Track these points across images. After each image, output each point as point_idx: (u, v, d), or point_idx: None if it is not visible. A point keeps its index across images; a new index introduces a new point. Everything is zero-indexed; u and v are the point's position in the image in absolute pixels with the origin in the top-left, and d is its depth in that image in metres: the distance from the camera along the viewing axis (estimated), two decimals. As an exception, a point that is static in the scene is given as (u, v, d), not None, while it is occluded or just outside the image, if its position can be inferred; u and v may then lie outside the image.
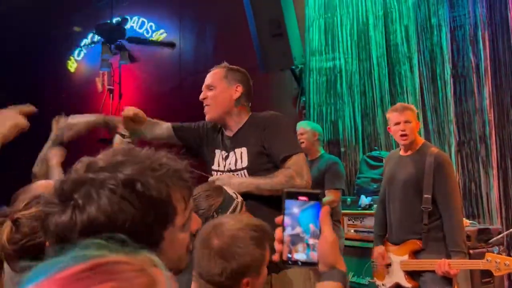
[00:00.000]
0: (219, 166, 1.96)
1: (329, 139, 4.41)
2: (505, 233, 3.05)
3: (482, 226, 3.14)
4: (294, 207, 0.81)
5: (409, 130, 2.56)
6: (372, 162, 4.05)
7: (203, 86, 2.00)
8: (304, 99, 4.59)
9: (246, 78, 2.01)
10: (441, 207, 2.49)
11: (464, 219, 3.16)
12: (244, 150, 1.88)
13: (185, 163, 0.79)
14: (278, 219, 0.82)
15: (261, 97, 4.82)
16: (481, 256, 3.04)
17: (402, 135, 2.57)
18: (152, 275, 0.51)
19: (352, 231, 3.65)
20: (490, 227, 3.19)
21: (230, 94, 1.94)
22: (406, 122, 2.56)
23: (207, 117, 1.98)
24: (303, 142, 3.32)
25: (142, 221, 0.68)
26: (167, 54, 6.06)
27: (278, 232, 0.81)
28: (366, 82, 4.34)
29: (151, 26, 6.27)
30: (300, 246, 0.81)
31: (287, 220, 0.82)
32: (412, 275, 2.55)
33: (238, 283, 1.10)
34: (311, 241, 0.81)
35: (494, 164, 3.53)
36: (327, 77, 4.55)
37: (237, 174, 1.87)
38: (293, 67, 4.40)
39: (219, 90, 1.94)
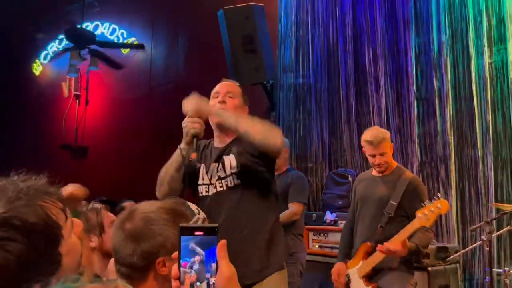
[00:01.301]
0: (203, 179, 1.94)
1: (297, 154, 4.48)
2: (461, 251, 3.17)
3: (440, 245, 3.26)
4: (192, 243, 0.78)
5: (384, 162, 2.60)
6: (338, 179, 4.14)
7: (223, 91, 1.96)
8: (274, 114, 4.65)
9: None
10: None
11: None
12: (232, 157, 1.90)
13: (44, 177, 0.82)
14: (174, 255, 0.79)
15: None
16: (440, 272, 3.14)
17: (377, 166, 2.62)
18: None
19: (317, 246, 3.69)
20: (448, 245, 3.32)
21: (243, 111, 2.00)
22: (381, 154, 2.58)
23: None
24: None
25: (34, 251, 0.69)
26: (138, 62, 6.00)
27: (174, 269, 0.79)
28: (334, 100, 4.45)
29: (122, 33, 6.20)
30: (200, 284, 0.77)
31: (186, 256, 0.78)
32: (370, 277, 2.54)
33: (151, 263, 1.10)
34: (212, 280, 0.78)
35: (453, 185, 3.68)
36: (297, 94, 4.64)
37: (226, 181, 1.89)
38: (265, 82, 4.46)
39: (238, 102, 1.97)
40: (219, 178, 1.89)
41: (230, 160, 1.89)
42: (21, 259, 0.68)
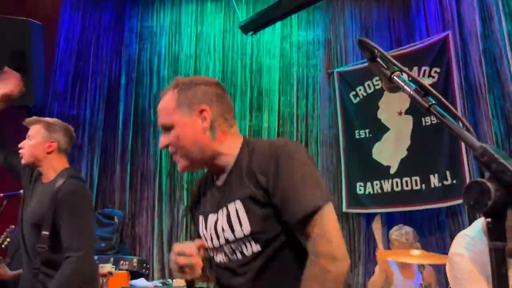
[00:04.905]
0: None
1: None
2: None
3: None
4: None
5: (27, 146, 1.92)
6: (103, 220, 3.96)
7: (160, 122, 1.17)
8: (37, 143, 4.14)
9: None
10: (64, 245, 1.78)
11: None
12: (239, 204, 1.09)
13: None
14: None
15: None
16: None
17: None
18: None
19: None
20: None
21: (198, 132, 1.17)
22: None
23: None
24: None
25: None
26: None
27: None
28: (110, 139, 4.34)
29: None
30: None
31: None
32: None
33: None
34: None
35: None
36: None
37: (240, 247, 1.09)
38: (31, 106, 3.97)
39: (180, 131, 1.16)
40: (228, 243, 1.13)
41: (238, 210, 1.10)
42: None
